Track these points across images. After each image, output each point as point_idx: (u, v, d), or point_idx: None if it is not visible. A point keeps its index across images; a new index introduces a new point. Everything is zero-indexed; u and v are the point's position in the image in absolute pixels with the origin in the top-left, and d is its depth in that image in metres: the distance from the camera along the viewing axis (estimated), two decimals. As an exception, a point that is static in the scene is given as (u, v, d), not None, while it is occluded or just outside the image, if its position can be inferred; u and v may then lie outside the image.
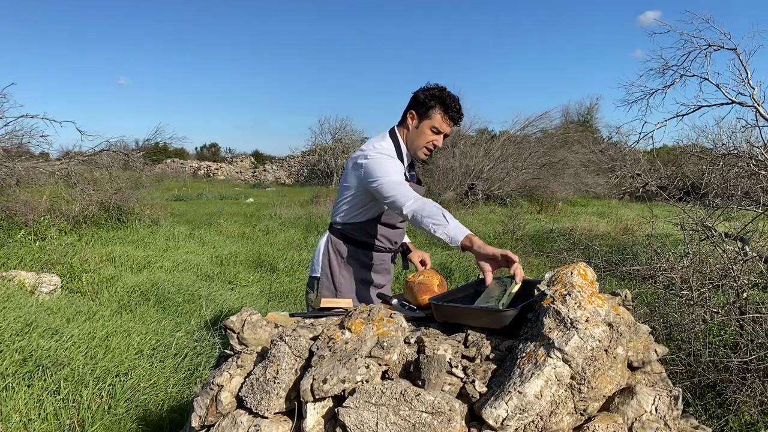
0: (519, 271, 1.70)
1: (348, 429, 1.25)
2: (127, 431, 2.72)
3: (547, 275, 1.55)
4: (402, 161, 2.33)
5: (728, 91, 5.28)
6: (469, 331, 1.54)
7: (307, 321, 1.70)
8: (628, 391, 1.38)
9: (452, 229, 1.88)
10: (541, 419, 1.28)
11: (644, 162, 8.55)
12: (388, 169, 2.18)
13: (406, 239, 2.72)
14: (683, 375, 2.98)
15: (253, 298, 5.34)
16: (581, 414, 1.34)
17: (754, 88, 5.11)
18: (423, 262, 2.57)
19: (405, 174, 2.32)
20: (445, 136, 2.34)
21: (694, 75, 5.52)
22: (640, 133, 6.26)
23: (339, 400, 1.34)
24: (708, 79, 5.38)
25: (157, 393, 3.05)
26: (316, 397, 1.33)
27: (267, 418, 1.38)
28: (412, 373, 1.43)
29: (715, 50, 5.29)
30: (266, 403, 1.38)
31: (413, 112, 2.32)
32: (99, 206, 9.09)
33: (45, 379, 3.00)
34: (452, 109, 2.27)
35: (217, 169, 31.81)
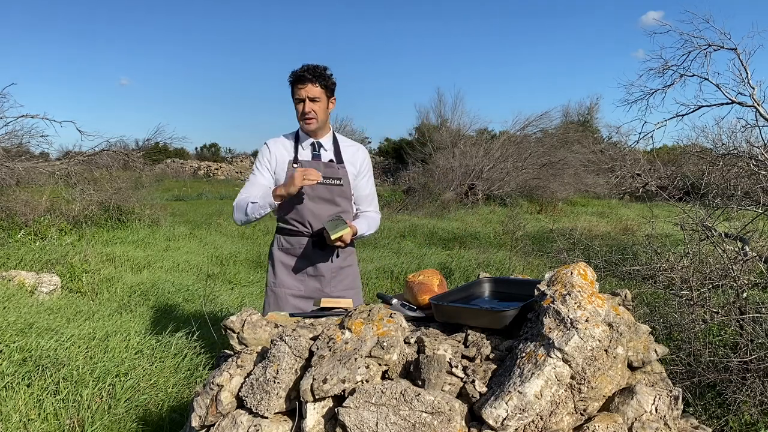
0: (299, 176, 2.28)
1: (348, 429, 1.25)
2: (127, 431, 2.72)
3: (547, 275, 1.55)
4: (297, 147, 2.57)
5: (728, 91, 5.29)
6: (469, 331, 1.54)
7: (307, 321, 1.70)
8: (628, 391, 1.38)
9: (263, 200, 2.40)
10: (541, 419, 1.28)
11: (644, 162, 8.55)
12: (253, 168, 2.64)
13: (356, 226, 2.53)
14: (683, 375, 2.98)
15: (253, 298, 5.34)
16: (581, 414, 1.34)
17: (754, 88, 5.12)
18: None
19: (295, 160, 2.56)
20: (313, 100, 2.45)
21: (694, 75, 5.54)
22: (640, 133, 6.28)
23: (339, 400, 1.34)
24: (708, 79, 5.39)
25: (157, 393, 3.05)
26: (316, 397, 1.33)
27: (267, 418, 1.38)
28: (412, 373, 1.43)
29: (715, 50, 5.31)
30: (266, 403, 1.38)
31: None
32: (99, 206, 9.08)
33: (45, 379, 2.99)
34: (296, 72, 2.44)
35: (217, 169, 31.79)
